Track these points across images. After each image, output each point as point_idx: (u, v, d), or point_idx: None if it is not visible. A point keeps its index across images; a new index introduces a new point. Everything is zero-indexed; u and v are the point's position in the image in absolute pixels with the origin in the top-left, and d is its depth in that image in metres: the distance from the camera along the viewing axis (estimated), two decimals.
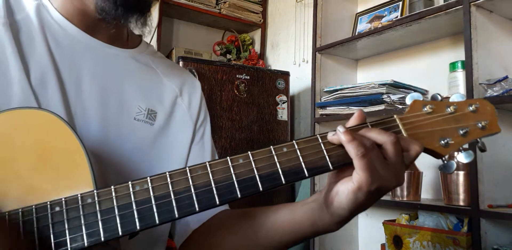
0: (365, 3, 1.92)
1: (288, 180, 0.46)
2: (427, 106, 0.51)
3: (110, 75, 0.63)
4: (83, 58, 0.62)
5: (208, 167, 0.46)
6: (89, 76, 0.61)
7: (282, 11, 2.52)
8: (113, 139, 0.60)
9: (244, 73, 1.96)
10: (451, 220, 1.33)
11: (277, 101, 2.05)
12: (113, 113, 0.61)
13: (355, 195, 0.46)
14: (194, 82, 0.77)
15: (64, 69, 0.59)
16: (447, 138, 0.50)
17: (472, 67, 1.20)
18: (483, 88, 1.21)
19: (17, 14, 0.59)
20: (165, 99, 0.70)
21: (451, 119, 0.50)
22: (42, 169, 0.47)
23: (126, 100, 0.64)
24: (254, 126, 1.96)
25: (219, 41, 2.52)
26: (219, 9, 2.39)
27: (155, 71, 0.71)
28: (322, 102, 1.73)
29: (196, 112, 0.74)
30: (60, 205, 0.43)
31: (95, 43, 0.64)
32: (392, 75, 1.67)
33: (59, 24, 0.61)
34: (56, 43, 0.60)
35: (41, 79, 0.56)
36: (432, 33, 1.54)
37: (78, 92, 0.59)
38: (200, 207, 0.44)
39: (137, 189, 0.44)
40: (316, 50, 1.78)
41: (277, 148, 0.47)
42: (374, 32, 1.56)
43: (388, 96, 1.47)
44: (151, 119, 0.66)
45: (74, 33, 0.62)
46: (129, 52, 0.68)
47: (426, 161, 1.50)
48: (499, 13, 1.30)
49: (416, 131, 0.50)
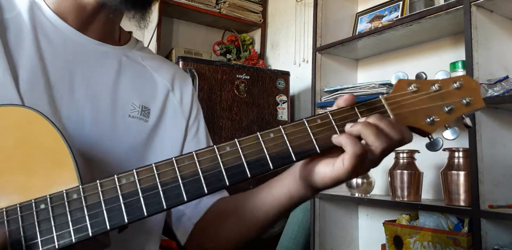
0: (365, 3, 1.92)
1: (276, 165, 0.46)
2: (412, 85, 0.51)
3: (102, 73, 0.63)
4: (75, 57, 0.61)
5: (195, 156, 0.45)
6: (81, 75, 0.61)
7: (282, 11, 2.52)
8: (108, 137, 0.60)
9: (244, 73, 1.96)
10: (451, 220, 1.32)
11: (277, 101, 2.05)
12: (107, 111, 0.61)
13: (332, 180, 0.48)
14: (185, 77, 0.77)
15: (55, 68, 0.59)
16: (433, 116, 0.50)
17: (473, 67, 1.20)
18: (484, 88, 1.21)
19: (7, 13, 0.58)
20: (157, 95, 0.69)
21: (436, 97, 0.51)
22: (25, 167, 0.46)
23: (120, 98, 0.64)
24: (254, 126, 1.96)
25: (219, 41, 2.51)
26: (219, 8, 2.39)
27: (145, 67, 0.71)
28: (322, 102, 1.73)
29: (188, 108, 0.73)
30: (45, 202, 0.43)
31: (87, 41, 0.63)
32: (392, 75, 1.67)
33: (51, 22, 0.61)
34: (48, 41, 0.60)
35: (29, 79, 0.55)
36: (433, 33, 1.54)
37: (70, 91, 0.59)
38: (189, 197, 0.44)
39: (123, 182, 0.44)
40: (316, 50, 1.77)
41: (264, 134, 0.47)
42: (374, 32, 1.56)
43: None
44: (145, 116, 0.66)
45: (66, 31, 0.62)
46: (120, 49, 0.68)
47: (427, 161, 1.50)
48: (500, 13, 1.30)
49: (401, 110, 0.50)
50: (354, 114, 0.49)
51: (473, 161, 1.16)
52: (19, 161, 0.46)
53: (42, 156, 0.47)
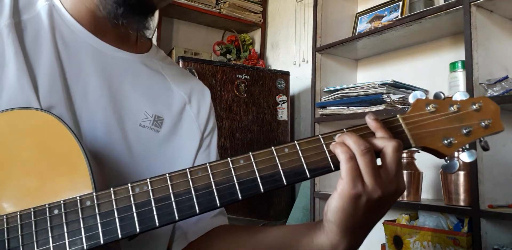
0: (365, 3, 1.92)
1: (289, 181, 0.46)
2: (430, 105, 0.50)
3: (117, 79, 0.63)
4: (91, 61, 0.61)
5: (208, 168, 0.45)
6: (96, 80, 0.60)
7: (282, 11, 2.52)
8: (118, 144, 0.59)
9: (244, 73, 1.96)
10: (451, 220, 1.33)
11: (277, 101, 2.05)
12: (118, 118, 0.61)
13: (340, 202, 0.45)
14: (203, 90, 0.76)
15: (71, 72, 0.58)
16: (450, 138, 0.49)
17: (473, 67, 1.20)
18: (484, 88, 1.21)
19: (25, 14, 0.58)
20: (173, 106, 0.69)
21: (454, 119, 0.50)
22: (40, 171, 0.46)
23: (133, 106, 0.63)
24: (254, 126, 1.96)
25: (219, 41, 2.51)
26: (219, 9, 2.39)
27: (164, 77, 0.70)
28: (322, 102, 1.73)
29: (205, 121, 0.73)
30: (59, 208, 0.43)
31: (104, 47, 0.63)
32: (392, 75, 1.67)
33: (68, 26, 0.61)
34: (65, 45, 0.59)
35: (47, 81, 0.55)
36: (432, 33, 1.54)
37: (84, 95, 0.58)
38: (201, 209, 0.44)
39: (136, 191, 0.44)
40: (316, 50, 1.78)
41: (279, 149, 0.47)
42: (374, 32, 1.56)
43: (388, 96, 1.47)
44: (157, 126, 0.65)
45: (83, 36, 0.61)
46: (138, 57, 0.67)
47: (427, 161, 1.50)
48: (500, 13, 1.30)
49: (419, 131, 0.49)
50: (371, 133, 0.49)
51: (473, 161, 1.16)
52: (34, 165, 0.46)
53: (57, 161, 0.47)
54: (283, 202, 2.00)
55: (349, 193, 0.45)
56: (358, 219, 0.46)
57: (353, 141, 0.46)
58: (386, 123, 0.50)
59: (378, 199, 0.46)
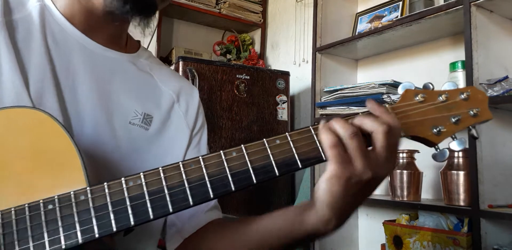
0: (365, 3, 1.92)
1: (281, 172, 0.46)
2: (419, 95, 0.51)
3: (107, 78, 0.64)
4: (81, 60, 0.62)
5: (201, 161, 0.46)
6: (85, 78, 0.61)
7: (282, 11, 2.52)
8: (108, 141, 0.60)
9: (244, 73, 1.96)
10: (451, 220, 1.33)
11: (277, 101, 2.05)
12: (108, 116, 0.61)
13: (328, 185, 0.46)
14: (191, 89, 0.78)
15: (61, 70, 0.59)
16: (439, 126, 0.50)
17: (472, 67, 1.20)
18: (484, 88, 1.21)
19: (16, 14, 0.59)
20: (162, 104, 0.70)
21: (443, 108, 0.51)
22: (35, 168, 0.46)
23: (122, 104, 0.64)
24: (254, 125, 1.96)
25: (219, 41, 2.51)
26: (219, 9, 2.39)
27: (152, 77, 0.71)
28: (322, 102, 1.73)
29: (193, 119, 0.74)
30: (53, 203, 0.43)
31: (94, 46, 0.64)
32: (392, 75, 1.67)
33: (59, 25, 0.62)
34: (56, 43, 0.60)
35: (38, 80, 0.56)
36: (432, 33, 1.54)
37: (73, 93, 0.59)
38: (195, 201, 0.44)
39: (130, 185, 0.44)
40: (316, 50, 1.78)
41: (270, 140, 0.48)
42: (374, 32, 1.56)
43: (388, 96, 1.47)
44: (147, 124, 0.66)
45: (73, 35, 0.62)
46: (127, 57, 0.69)
47: (427, 161, 1.50)
48: (499, 13, 1.30)
49: (408, 120, 0.50)
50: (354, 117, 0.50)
51: (473, 161, 1.16)
52: (28, 162, 0.47)
53: (51, 158, 0.47)
54: (283, 202, 2.00)
55: (338, 176, 0.46)
56: (347, 199, 0.47)
57: (340, 125, 0.47)
58: None
59: (368, 180, 0.47)
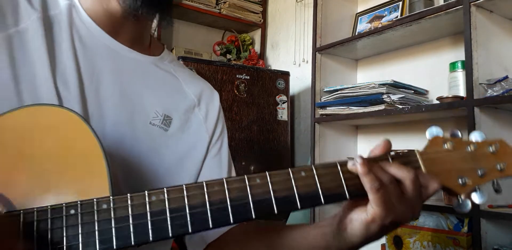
0: (365, 3, 1.92)
1: (303, 205, 0.46)
2: (448, 143, 0.51)
3: (129, 78, 0.64)
4: (104, 60, 0.62)
5: (225, 183, 0.45)
6: (108, 78, 0.61)
7: (282, 11, 2.52)
8: (127, 140, 0.60)
9: (244, 73, 1.96)
10: (451, 220, 1.33)
11: (277, 101, 2.05)
12: (129, 115, 0.61)
13: (368, 226, 0.47)
14: (212, 93, 0.77)
15: (85, 70, 0.60)
16: (465, 177, 0.50)
17: (472, 67, 1.20)
18: (483, 88, 1.21)
19: (51, 10, 0.60)
20: (182, 107, 0.69)
21: (470, 159, 0.51)
22: (59, 168, 0.46)
23: (144, 104, 0.64)
24: (254, 125, 1.96)
25: (219, 41, 2.52)
26: (219, 9, 2.39)
27: (176, 78, 0.71)
28: (322, 102, 1.73)
29: (213, 125, 0.73)
30: (76, 208, 0.43)
31: (118, 47, 0.64)
32: (392, 75, 1.67)
33: (85, 25, 0.62)
34: (82, 43, 0.61)
35: (64, 77, 0.56)
36: (432, 33, 1.54)
37: (96, 92, 0.59)
38: (214, 224, 0.43)
39: (153, 199, 0.44)
40: (316, 50, 1.78)
41: (295, 171, 0.47)
42: (374, 32, 1.56)
43: (388, 96, 1.47)
44: (166, 125, 0.66)
45: (98, 35, 0.63)
46: (151, 59, 0.69)
47: None
48: (499, 13, 1.30)
49: (435, 168, 0.50)
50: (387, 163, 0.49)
51: None
52: (53, 163, 0.46)
53: (77, 159, 0.47)
54: None
55: (381, 219, 0.46)
56: (377, 233, 0.49)
57: (380, 170, 0.47)
58: (403, 157, 0.50)
59: (398, 221, 0.48)
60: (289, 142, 2.08)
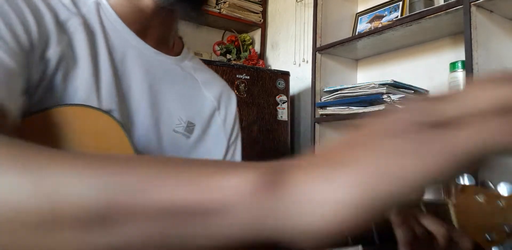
0: (365, 3, 1.92)
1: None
2: (479, 195, 0.50)
3: (157, 83, 0.61)
4: (133, 63, 0.59)
5: None
6: (138, 84, 0.59)
7: (282, 11, 2.52)
8: (153, 149, 0.58)
9: (244, 73, 1.96)
10: None
11: (277, 101, 2.05)
12: (156, 123, 0.59)
13: None
14: (230, 94, 0.75)
15: (121, 75, 0.57)
16: (493, 233, 0.49)
17: (472, 67, 1.20)
18: None
19: (82, 7, 0.56)
20: (204, 111, 0.68)
21: (500, 214, 0.50)
22: None
23: (169, 110, 0.62)
24: (254, 125, 1.96)
25: (219, 41, 2.51)
26: (219, 9, 2.39)
27: (197, 81, 0.69)
28: (322, 102, 1.73)
29: (230, 128, 0.71)
30: None
31: (145, 48, 0.61)
32: (392, 75, 1.67)
33: (113, 24, 0.58)
34: (112, 44, 0.57)
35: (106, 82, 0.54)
36: (432, 33, 1.54)
37: (128, 98, 0.57)
38: None
39: None
40: (316, 50, 1.78)
41: None
42: (374, 32, 1.56)
43: (388, 96, 1.47)
44: (189, 132, 0.64)
45: (127, 36, 0.59)
46: (175, 60, 0.66)
47: None
48: (500, 13, 1.30)
49: (467, 222, 0.49)
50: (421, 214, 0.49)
51: None
52: None
53: None
54: None
55: None
56: None
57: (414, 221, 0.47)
58: (436, 207, 0.50)
59: None
60: (289, 142, 2.08)
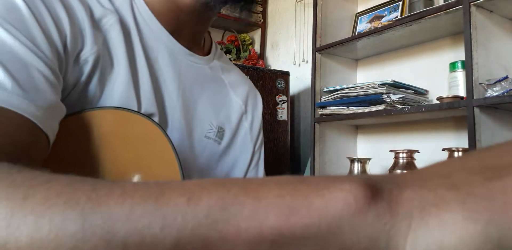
0: (365, 3, 1.92)
1: None
2: None
3: (188, 86, 0.58)
4: (167, 65, 0.55)
5: None
6: (172, 85, 0.55)
7: (282, 11, 2.52)
8: (186, 155, 0.56)
9: (244, 73, 1.96)
10: None
11: (277, 101, 2.05)
12: (189, 129, 0.57)
13: None
14: (256, 96, 0.72)
15: (157, 77, 0.54)
16: None
17: (472, 67, 1.20)
18: (483, 88, 1.21)
19: (116, 4, 0.51)
20: (232, 116, 0.65)
21: None
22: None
23: (201, 116, 0.59)
24: None
25: (219, 41, 2.51)
26: None
27: (225, 83, 0.66)
28: (322, 102, 1.73)
29: (257, 133, 0.69)
30: None
31: (179, 49, 0.57)
32: (392, 75, 1.67)
33: (146, 21, 0.54)
34: (147, 44, 0.54)
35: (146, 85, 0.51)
36: (432, 33, 1.54)
37: (164, 102, 0.54)
38: None
39: None
40: (316, 50, 1.78)
41: None
42: (374, 32, 1.56)
43: (388, 96, 1.47)
44: (219, 138, 0.62)
45: (161, 36, 0.55)
46: (205, 61, 0.63)
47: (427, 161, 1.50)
48: (499, 13, 1.30)
49: None
50: None
51: None
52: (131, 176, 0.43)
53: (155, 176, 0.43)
54: None
55: None
56: None
57: None
58: None
59: None
60: (289, 142, 2.08)
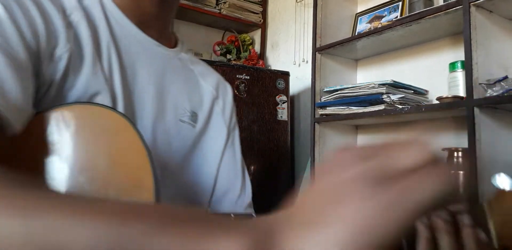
0: (365, 3, 1.93)
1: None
2: None
3: (160, 74, 0.62)
4: (138, 56, 0.59)
5: None
6: (143, 74, 0.59)
7: (282, 11, 2.52)
8: (161, 138, 0.59)
9: (244, 73, 1.96)
10: None
11: (277, 101, 2.05)
12: (162, 113, 0.61)
13: None
14: (226, 85, 0.77)
15: (127, 67, 0.57)
16: None
17: (472, 67, 1.21)
18: (483, 88, 1.21)
19: (84, 1, 0.55)
20: (204, 101, 0.69)
21: None
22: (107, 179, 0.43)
23: (174, 101, 0.63)
24: (254, 125, 1.96)
25: (219, 41, 2.52)
26: (219, 9, 2.39)
27: (193, 72, 0.70)
28: (322, 102, 1.73)
29: (229, 116, 0.73)
30: None
31: (147, 41, 0.61)
32: (392, 75, 1.67)
33: (115, 17, 0.58)
34: (116, 36, 0.57)
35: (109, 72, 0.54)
36: (432, 33, 1.54)
37: (135, 90, 0.58)
38: None
39: None
40: (316, 50, 1.78)
41: None
42: (374, 32, 1.56)
43: (388, 96, 1.47)
44: (194, 122, 0.65)
45: (129, 28, 0.59)
46: (173, 52, 0.67)
47: None
48: (499, 13, 1.30)
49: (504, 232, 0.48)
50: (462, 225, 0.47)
51: (472, 161, 1.16)
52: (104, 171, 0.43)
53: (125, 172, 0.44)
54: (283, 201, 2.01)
55: None
56: None
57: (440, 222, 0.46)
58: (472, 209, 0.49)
59: None
60: (289, 142, 2.08)
